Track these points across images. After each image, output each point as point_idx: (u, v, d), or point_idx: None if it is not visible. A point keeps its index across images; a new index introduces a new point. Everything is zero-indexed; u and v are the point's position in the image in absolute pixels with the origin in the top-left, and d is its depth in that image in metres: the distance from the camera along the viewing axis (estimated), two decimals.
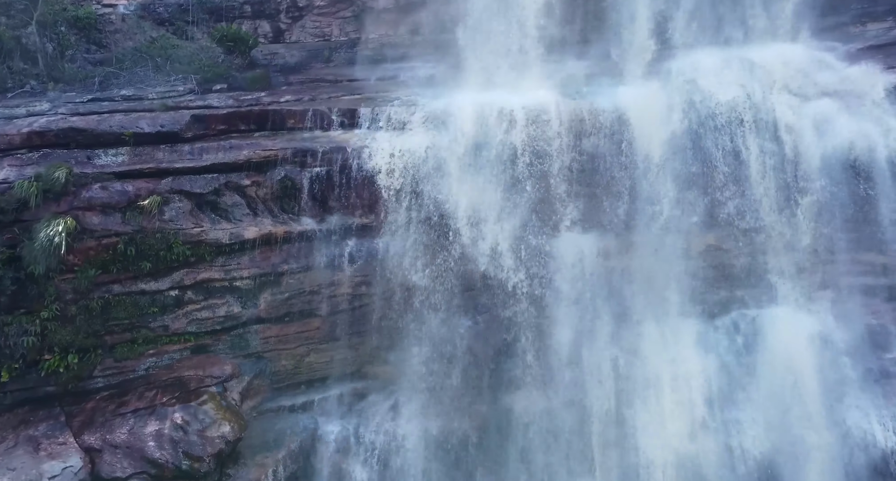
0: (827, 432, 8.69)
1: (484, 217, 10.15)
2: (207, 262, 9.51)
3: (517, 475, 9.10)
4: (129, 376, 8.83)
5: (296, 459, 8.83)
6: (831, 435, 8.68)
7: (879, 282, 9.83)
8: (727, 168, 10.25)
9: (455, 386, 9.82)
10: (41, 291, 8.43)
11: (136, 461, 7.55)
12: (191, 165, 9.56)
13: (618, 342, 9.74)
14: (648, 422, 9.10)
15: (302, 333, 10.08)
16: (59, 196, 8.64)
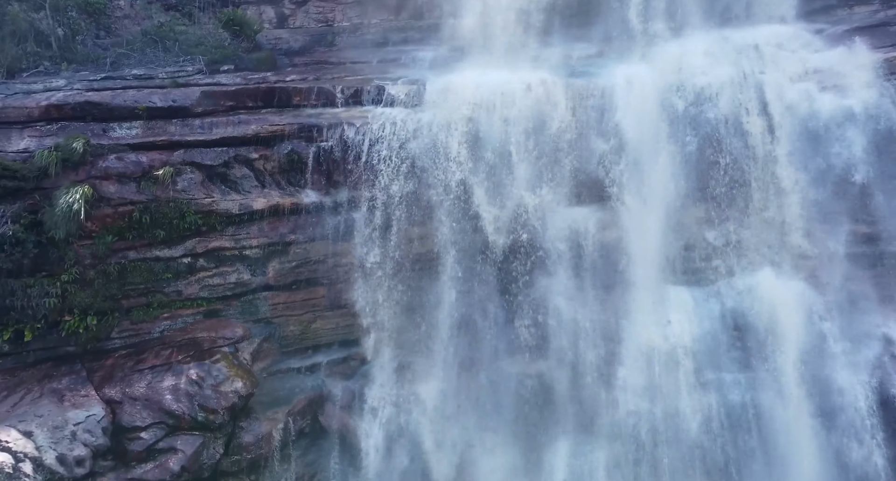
0: (806, 391, 9.20)
1: (484, 190, 10.71)
2: (218, 231, 9.99)
3: (514, 432, 9.55)
4: (146, 337, 9.33)
5: (304, 416, 9.32)
6: (811, 393, 9.19)
7: (861, 250, 10.23)
8: (716, 144, 10.75)
9: (455, 351, 10.41)
10: (61, 255, 8.91)
11: (155, 412, 8.00)
12: (201, 138, 10.02)
13: (610, 308, 10.36)
14: (637, 382, 9.67)
15: (308, 301, 10.53)
16: (77, 165, 9.11)
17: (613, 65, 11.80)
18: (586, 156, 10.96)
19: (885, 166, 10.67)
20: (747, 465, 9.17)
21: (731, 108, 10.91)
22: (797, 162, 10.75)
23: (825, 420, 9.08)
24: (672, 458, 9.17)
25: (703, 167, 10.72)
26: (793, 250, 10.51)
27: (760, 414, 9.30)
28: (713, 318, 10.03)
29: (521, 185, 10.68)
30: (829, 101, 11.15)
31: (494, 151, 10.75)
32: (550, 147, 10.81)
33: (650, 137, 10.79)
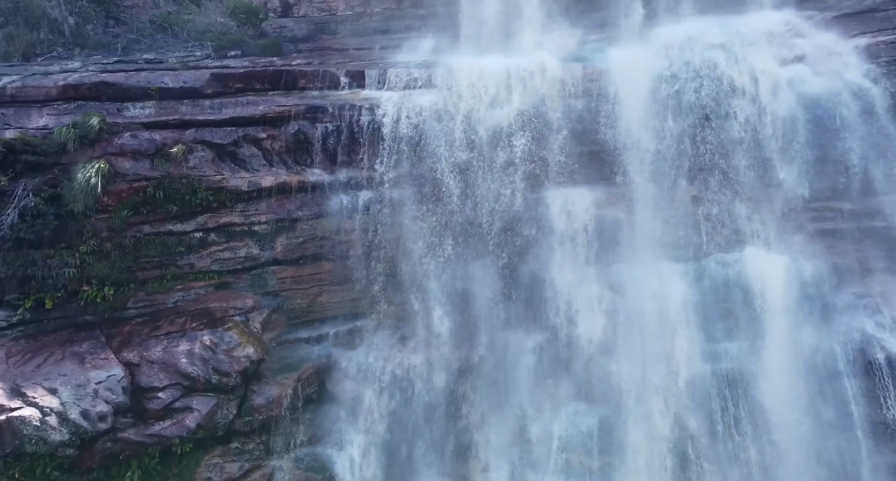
0: (792, 355, 9.62)
1: (484, 170, 11.11)
2: (228, 208, 10.42)
3: (512, 399, 9.96)
4: (160, 307, 9.71)
5: (312, 383, 9.72)
6: (796, 358, 9.62)
7: (846, 225, 10.63)
8: (707, 125, 11.16)
9: (456, 325, 10.77)
10: (80, 228, 9.32)
11: (171, 374, 8.39)
12: (211, 118, 10.45)
13: (606, 282, 10.74)
14: (633, 352, 10.06)
15: (315, 275, 10.94)
16: (93, 142, 9.51)
17: (611, 49, 12.23)
18: (583, 138, 11.46)
19: (869, 146, 11.08)
20: (737, 429, 9.64)
21: (723, 90, 11.39)
22: (785, 142, 11.22)
23: (809, 385, 9.60)
24: (665, 424, 9.70)
25: (694, 147, 11.13)
26: (780, 226, 11.04)
27: (749, 381, 9.72)
28: (704, 291, 10.43)
29: (519, 166, 11.20)
30: (816, 83, 11.58)
31: (494, 133, 11.22)
32: (548, 128, 11.32)
33: (644, 119, 11.22)
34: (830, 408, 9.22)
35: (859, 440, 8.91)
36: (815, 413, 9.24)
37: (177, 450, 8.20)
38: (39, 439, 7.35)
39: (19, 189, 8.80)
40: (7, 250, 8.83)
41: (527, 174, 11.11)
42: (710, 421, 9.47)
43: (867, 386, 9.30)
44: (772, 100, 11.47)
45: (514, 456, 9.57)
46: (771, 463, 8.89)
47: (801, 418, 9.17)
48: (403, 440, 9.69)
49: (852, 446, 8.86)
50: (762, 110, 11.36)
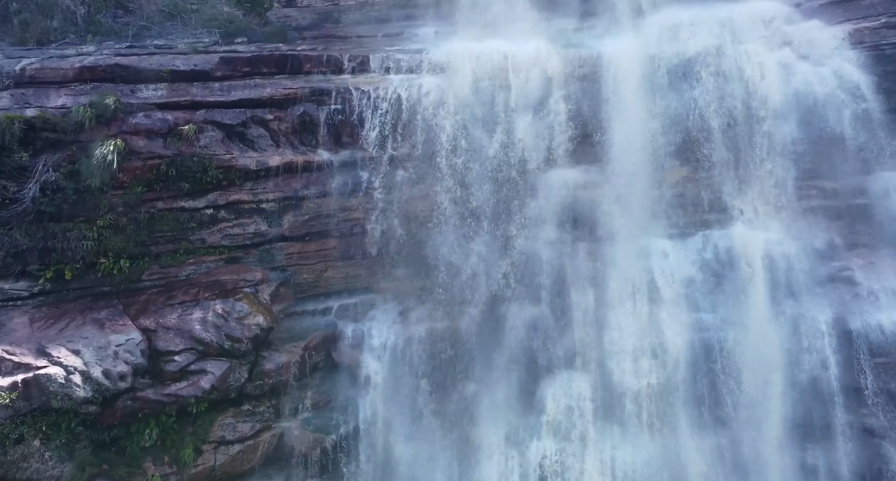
0: (775, 328, 10.07)
1: (481, 152, 11.54)
2: (237, 186, 10.84)
3: (508, 366, 10.46)
4: (173, 280, 10.14)
5: (318, 351, 10.19)
6: (780, 329, 10.07)
7: (829, 203, 11.11)
8: (697, 109, 11.58)
9: (455, 299, 11.23)
10: (97, 203, 9.73)
11: (186, 339, 8.83)
12: (221, 99, 10.85)
13: (598, 257, 11.18)
14: (623, 322, 10.50)
15: (320, 251, 11.38)
16: (109, 121, 9.91)
17: (604, 36, 12.71)
18: (578, 120, 11.89)
19: (853, 127, 11.56)
20: (721, 396, 10.09)
21: (713, 75, 11.82)
22: (772, 125, 11.66)
23: (790, 354, 10.04)
24: (653, 389, 10.15)
25: (684, 131, 11.60)
26: (767, 204, 11.48)
27: (732, 350, 10.21)
28: (692, 266, 10.94)
29: (516, 147, 11.63)
30: (802, 68, 12.04)
31: (492, 116, 11.69)
32: (545, 112, 11.76)
33: (636, 103, 11.68)
34: (808, 374, 9.76)
35: (835, 403, 9.44)
36: (794, 379, 9.78)
37: (192, 410, 8.67)
38: (65, 395, 7.83)
39: (40, 164, 9.25)
40: (29, 223, 9.26)
41: (523, 155, 11.67)
42: (695, 387, 10.04)
43: (844, 354, 9.83)
44: (760, 84, 11.93)
45: (510, 420, 10.09)
46: (749, 423, 9.43)
47: (780, 383, 9.73)
48: (406, 405, 10.19)
49: (827, 408, 9.39)
50: (751, 94, 11.79)
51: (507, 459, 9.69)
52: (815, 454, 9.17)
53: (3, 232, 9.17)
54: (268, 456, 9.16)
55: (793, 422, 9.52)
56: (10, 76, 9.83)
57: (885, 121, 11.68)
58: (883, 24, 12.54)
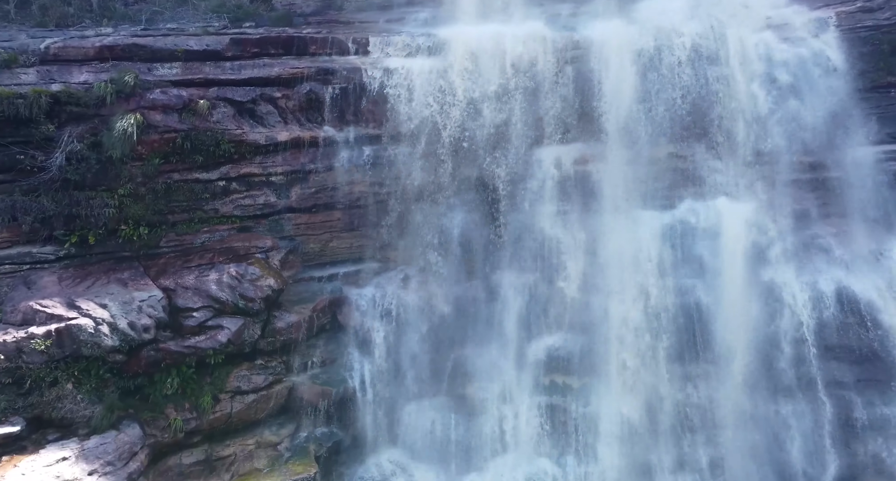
0: (754, 291, 10.69)
1: (478, 129, 12.12)
2: (248, 159, 11.50)
3: (503, 329, 11.12)
4: (189, 246, 10.82)
5: (325, 314, 10.88)
6: (758, 293, 10.69)
7: (805, 176, 11.79)
8: (683, 90, 12.17)
9: (453, 267, 11.89)
10: (118, 173, 10.38)
11: (203, 298, 9.47)
12: (232, 78, 11.54)
13: (589, 228, 11.79)
14: (611, 288, 11.14)
15: (326, 222, 12.05)
16: (128, 96, 10.55)
17: (597, 21, 13.28)
18: (571, 100, 12.48)
19: (827, 106, 12.18)
20: (701, 354, 10.74)
21: (698, 57, 12.41)
22: (753, 104, 12.28)
23: (766, 315, 10.65)
24: (637, 349, 10.78)
25: (671, 110, 12.19)
26: (747, 178, 12.10)
27: (713, 312, 10.84)
28: (676, 235, 11.61)
29: (511, 125, 12.24)
30: (783, 49, 12.69)
31: (489, 95, 12.25)
32: (540, 92, 12.35)
33: (625, 84, 12.27)
34: (782, 333, 10.40)
35: (810, 359, 10.07)
36: (769, 338, 10.43)
37: (210, 362, 9.34)
38: (94, 344, 8.45)
39: (65, 135, 9.87)
40: (55, 190, 9.92)
41: (518, 132, 12.30)
42: (677, 346, 10.65)
43: (817, 315, 10.49)
44: (742, 65, 12.61)
45: (504, 378, 10.76)
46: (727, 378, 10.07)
47: (757, 341, 10.37)
48: (407, 363, 10.85)
49: (805, 364, 10.03)
50: (733, 75, 12.48)
51: (501, 413, 10.44)
52: (786, 404, 9.90)
53: (32, 198, 9.85)
54: (279, 406, 9.89)
55: (767, 377, 10.20)
56: (35, 54, 10.50)
57: (859, 99, 12.38)
58: (858, 8, 13.19)
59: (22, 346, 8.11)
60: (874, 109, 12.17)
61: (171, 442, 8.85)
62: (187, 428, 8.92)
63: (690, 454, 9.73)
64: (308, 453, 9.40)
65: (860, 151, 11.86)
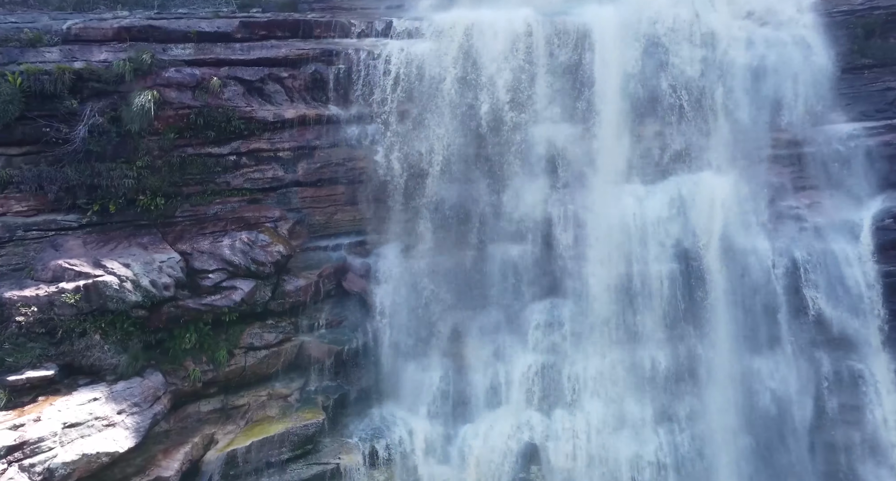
0: (734, 257, 11.42)
1: (473, 107, 12.73)
2: (257, 136, 12.13)
3: (497, 295, 11.83)
4: (203, 216, 11.43)
5: (331, 280, 11.60)
6: (737, 259, 11.41)
7: (781, 152, 12.56)
8: (670, 72, 12.83)
9: (451, 238, 12.55)
10: (136, 146, 11.02)
11: (218, 261, 10.16)
12: (242, 58, 12.15)
13: (577, 201, 12.44)
14: (600, 256, 11.80)
15: (330, 196, 12.69)
16: (145, 74, 11.17)
17: (587, 5, 13.92)
18: (563, 81, 13.10)
19: (805, 86, 12.89)
20: (679, 318, 11.40)
21: (685, 40, 13.05)
22: (736, 84, 12.94)
23: (745, 279, 11.38)
24: (623, 311, 11.48)
25: (659, 89, 12.89)
26: (729, 153, 12.78)
27: (692, 279, 11.56)
28: (660, 207, 12.29)
29: (504, 104, 12.85)
30: (763, 33, 13.35)
31: (483, 76, 12.89)
32: (534, 73, 12.98)
33: (615, 66, 12.92)
34: (760, 297, 11.17)
35: (780, 320, 10.80)
36: (747, 300, 11.17)
37: (225, 320, 10.06)
38: (119, 299, 9.14)
39: (87, 110, 10.49)
40: (78, 161, 10.55)
41: (512, 112, 12.89)
42: (660, 309, 11.36)
43: (790, 278, 11.21)
44: (726, 48, 13.25)
45: (498, 340, 11.51)
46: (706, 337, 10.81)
47: (735, 303, 11.11)
48: (407, 326, 11.59)
49: (774, 324, 10.77)
50: (717, 58, 13.13)
51: (496, 371, 11.16)
52: (761, 361, 10.65)
53: (56, 169, 10.52)
54: (289, 362, 10.63)
55: (745, 336, 10.97)
56: (58, 34, 11.12)
57: (833, 79, 13.06)
58: None
59: (53, 300, 8.84)
60: (848, 90, 12.93)
61: (190, 391, 9.61)
62: (205, 379, 9.68)
63: (670, 406, 10.55)
64: (316, 403, 10.19)
65: (834, 129, 12.61)
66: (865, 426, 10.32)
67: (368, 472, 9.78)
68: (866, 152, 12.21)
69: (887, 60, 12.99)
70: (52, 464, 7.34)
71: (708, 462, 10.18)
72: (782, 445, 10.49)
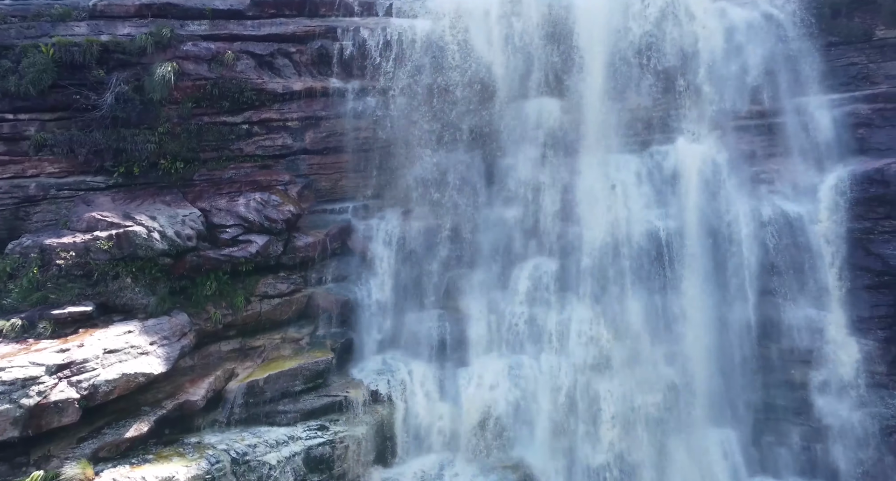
0: (705, 217, 12.32)
1: (468, 82, 13.61)
2: (268, 106, 13.08)
3: (490, 254, 12.78)
4: (218, 180, 12.38)
5: (337, 239, 12.55)
6: (710, 219, 12.31)
7: (754, 123, 13.45)
8: (649, 48, 13.69)
9: (448, 203, 13.41)
10: (157, 113, 11.93)
11: (234, 217, 11.08)
12: (253, 34, 13.12)
13: (566, 170, 13.34)
14: (586, 219, 12.73)
15: (336, 163, 13.63)
16: (165, 47, 12.10)
17: None
18: (552, 58, 13.98)
19: (776, 61, 13.79)
20: (659, 273, 12.31)
21: (664, 19, 13.92)
22: (712, 60, 13.82)
23: (717, 238, 12.30)
24: (609, 267, 12.40)
25: (641, 67, 13.77)
26: (705, 124, 13.67)
27: (672, 237, 12.49)
28: (642, 173, 13.22)
29: (497, 80, 13.74)
30: (737, 13, 14.21)
31: (478, 51, 13.83)
32: (522, 48, 13.88)
33: (600, 44, 13.81)
34: (731, 253, 12.10)
35: (747, 273, 11.76)
36: (718, 256, 12.12)
37: (242, 270, 11.02)
38: (147, 247, 10.07)
39: (114, 79, 11.40)
40: (106, 127, 11.48)
41: (506, 87, 13.82)
42: (642, 266, 12.29)
43: (758, 235, 12.15)
44: (704, 28, 14.13)
45: (491, 293, 12.45)
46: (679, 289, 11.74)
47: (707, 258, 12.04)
48: (407, 281, 12.54)
49: (742, 276, 11.73)
50: (694, 35, 13.96)
51: (488, 321, 12.09)
52: (730, 310, 11.60)
53: (86, 133, 11.43)
54: (300, 311, 11.61)
55: (714, 288, 11.89)
56: (84, 10, 12.03)
57: (804, 56, 13.95)
58: None
59: (89, 246, 9.80)
60: (817, 65, 13.80)
61: (212, 332, 10.60)
62: (224, 322, 10.65)
63: (650, 349, 11.52)
64: (325, 346, 11.17)
65: (802, 101, 13.51)
66: (823, 366, 11.45)
67: (372, 407, 10.77)
68: (830, 122, 13.12)
69: (851, 38, 13.91)
70: (96, 381, 8.33)
71: (682, 397, 11.25)
72: (749, 384, 11.52)
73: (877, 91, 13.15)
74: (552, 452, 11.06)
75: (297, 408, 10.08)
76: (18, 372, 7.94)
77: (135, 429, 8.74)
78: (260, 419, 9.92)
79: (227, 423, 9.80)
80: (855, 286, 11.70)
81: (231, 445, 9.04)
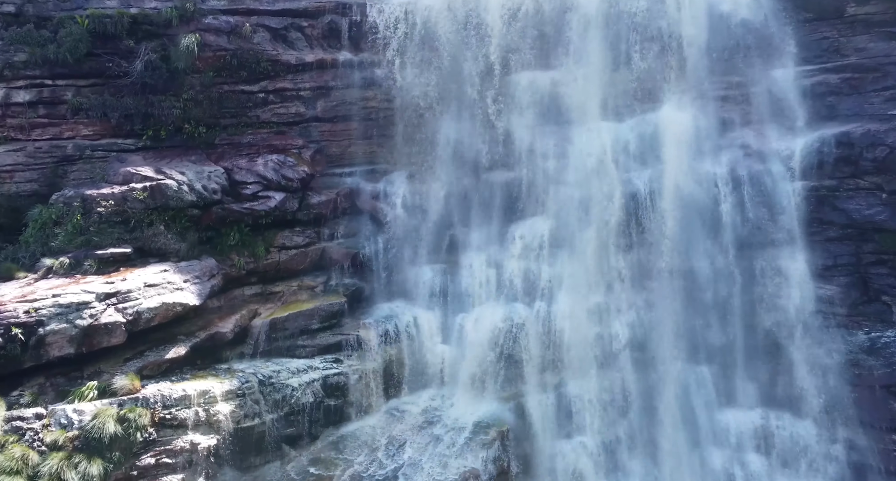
0: (684, 179, 13.28)
1: (469, 54, 14.56)
2: (282, 76, 14.12)
3: (489, 214, 13.90)
4: (238, 143, 13.40)
5: (346, 200, 13.70)
6: (686, 181, 13.28)
7: (733, 93, 14.42)
8: (640, 26, 14.61)
9: (450, 168, 14.48)
10: (181, 82, 12.92)
11: (254, 176, 12.13)
12: (268, 9, 14.17)
13: (558, 136, 14.30)
14: (578, 180, 13.72)
15: (345, 131, 14.69)
16: (188, 20, 13.13)
17: None
18: (548, 33, 14.92)
19: (754, 38, 14.68)
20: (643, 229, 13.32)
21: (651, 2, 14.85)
22: (695, 37, 14.70)
23: (697, 198, 13.29)
24: (598, 224, 13.39)
25: (629, 42, 14.69)
26: (688, 94, 14.60)
27: (656, 197, 13.46)
28: (628, 139, 14.21)
29: (495, 53, 14.67)
30: None
31: (477, 27, 14.77)
32: (520, 25, 14.78)
33: (593, 20, 14.71)
34: (708, 210, 13.11)
35: (725, 229, 12.76)
36: (699, 214, 13.11)
37: (262, 223, 12.10)
38: (178, 198, 11.12)
39: (142, 49, 12.35)
40: (135, 93, 12.49)
41: (502, 60, 14.74)
42: (633, 220, 13.26)
43: (735, 195, 13.15)
44: (688, 6, 15.03)
45: (489, 250, 13.54)
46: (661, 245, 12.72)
47: (689, 217, 13.04)
48: (411, 238, 13.65)
49: (720, 232, 12.75)
50: (679, 13, 14.80)
51: (487, 274, 13.15)
52: (707, 261, 12.60)
53: (117, 99, 12.42)
54: (314, 263, 12.73)
55: (695, 243, 12.90)
56: None
57: (777, 29, 14.86)
58: None
59: (126, 196, 10.86)
60: (791, 39, 14.75)
61: (236, 277, 11.71)
62: (247, 268, 11.77)
63: (632, 297, 12.57)
64: (338, 293, 12.29)
65: (778, 72, 14.46)
66: (787, 311, 12.52)
67: (382, 347, 11.86)
68: (803, 92, 14.15)
69: (824, 14, 14.82)
70: (139, 308, 9.44)
71: (662, 338, 12.29)
72: (719, 327, 12.57)
73: (846, 62, 14.15)
74: (542, 387, 12.21)
75: (315, 343, 11.23)
76: (73, 297, 9.06)
77: (174, 352, 9.91)
78: (282, 352, 11.09)
79: (252, 355, 10.98)
80: (821, 238, 12.79)
81: (258, 370, 10.25)
